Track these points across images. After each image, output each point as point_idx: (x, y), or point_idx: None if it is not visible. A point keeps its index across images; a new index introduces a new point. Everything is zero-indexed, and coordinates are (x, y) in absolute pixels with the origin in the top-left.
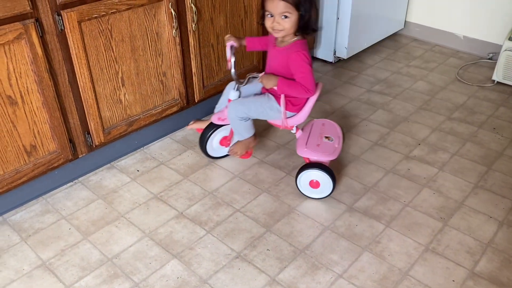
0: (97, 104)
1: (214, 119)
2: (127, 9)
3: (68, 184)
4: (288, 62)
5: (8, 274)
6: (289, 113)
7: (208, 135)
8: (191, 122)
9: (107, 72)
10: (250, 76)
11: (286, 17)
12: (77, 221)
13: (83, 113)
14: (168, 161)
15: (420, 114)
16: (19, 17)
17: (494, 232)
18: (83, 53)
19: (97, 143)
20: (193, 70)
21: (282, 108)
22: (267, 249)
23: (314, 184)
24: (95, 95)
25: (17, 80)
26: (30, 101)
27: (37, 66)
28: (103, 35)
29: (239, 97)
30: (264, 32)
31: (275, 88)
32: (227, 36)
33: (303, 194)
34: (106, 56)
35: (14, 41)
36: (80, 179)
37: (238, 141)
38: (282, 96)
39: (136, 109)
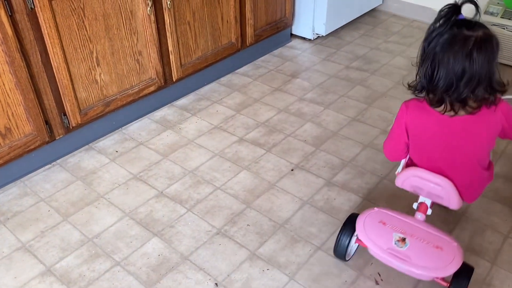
0: (72, 84)
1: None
2: None
3: (46, 167)
4: None
5: None
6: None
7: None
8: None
9: (81, 51)
10: None
11: None
12: (56, 203)
13: (58, 94)
14: (147, 141)
15: (398, 90)
16: None
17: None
18: (56, 32)
19: (74, 124)
20: (170, 48)
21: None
22: (247, 225)
23: (359, 241)
24: (70, 76)
25: None
26: (2, 82)
27: (8, 46)
28: (75, 13)
29: None
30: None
31: None
32: None
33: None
34: (79, 35)
35: None
36: (58, 161)
37: None
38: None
39: (113, 89)
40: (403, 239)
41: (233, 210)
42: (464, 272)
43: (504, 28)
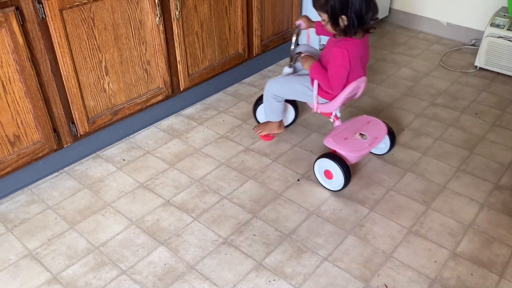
0: (81, 93)
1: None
2: None
3: (54, 174)
4: (330, 54)
5: None
6: (321, 99)
7: (257, 105)
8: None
9: (90, 61)
10: (294, 53)
11: (323, 19)
12: (63, 211)
13: (67, 103)
14: (154, 150)
15: (404, 100)
16: None
17: (475, 214)
18: (66, 41)
19: (82, 133)
20: (178, 58)
21: (314, 92)
22: (254, 235)
23: (328, 174)
24: (79, 84)
25: None
26: (12, 90)
27: (19, 55)
28: (85, 23)
29: (289, 65)
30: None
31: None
32: (300, 16)
33: (317, 180)
34: (89, 45)
35: None
36: (65, 169)
37: (266, 121)
38: (316, 81)
39: (121, 98)
40: (361, 134)
41: (239, 219)
42: (390, 133)
43: (511, 41)
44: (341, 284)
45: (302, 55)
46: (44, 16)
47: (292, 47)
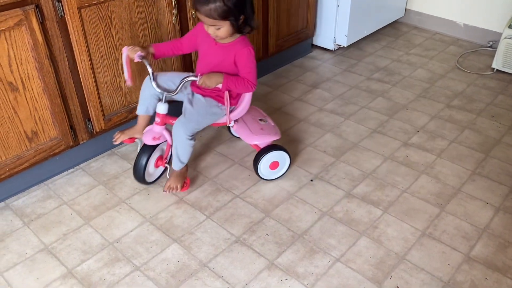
0: (98, 91)
1: (148, 140)
2: None
3: (70, 170)
4: (235, 57)
5: (11, 258)
6: (230, 108)
7: (146, 161)
8: (116, 135)
9: (107, 58)
10: (185, 81)
11: (218, 28)
12: (79, 207)
13: (84, 100)
14: None
15: (419, 102)
16: (19, 3)
17: (490, 217)
18: (83, 39)
19: (97, 130)
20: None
21: (227, 104)
22: (266, 234)
23: (274, 165)
24: (96, 82)
25: (18, 67)
26: (31, 87)
27: (38, 52)
28: (103, 21)
29: (166, 99)
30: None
31: (219, 86)
32: (128, 47)
33: (264, 179)
34: (106, 43)
35: (15, 27)
36: (81, 165)
37: (172, 174)
38: (226, 93)
39: (136, 95)
40: (261, 120)
41: (252, 218)
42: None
43: None
44: (353, 285)
45: (199, 75)
46: (63, 14)
47: (154, 83)
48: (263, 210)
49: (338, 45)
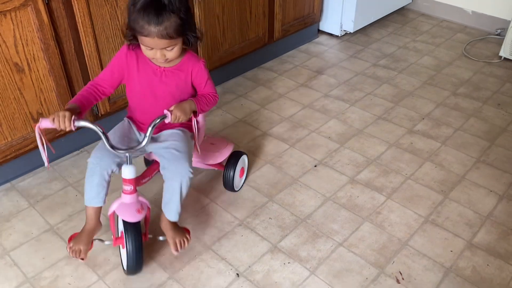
0: None
1: (130, 216)
2: None
3: (75, 153)
4: (192, 76)
5: (17, 237)
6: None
7: (142, 248)
8: (72, 252)
9: (112, 41)
10: (154, 124)
11: (171, 49)
12: (84, 188)
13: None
14: None
15: (425, 89)
16: None
17: (494, 205)
18: (89, 21)
19: (102, 112)
20: None
21: (195, 131)
22: (269, 218)
23: (242, 172)
24: (101, 64)
25: (23, 47)
26: (36, 68)
27: (43, 33)
28: (108, 3)
29: (130, 159)
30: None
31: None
32: (49, 119)
33: (239, 188)
34: (111, 25)
35: (20, 8)
36: (86, 147)
37: (171, 230)
38: (194, 119)
39: None
40: (211, 143)
41: (256, 202)
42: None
43: None
44: (356, 270)
45: (166, 111)
46: None
47: (108, 145)
48: (266, 194)
49: (345, 30)
